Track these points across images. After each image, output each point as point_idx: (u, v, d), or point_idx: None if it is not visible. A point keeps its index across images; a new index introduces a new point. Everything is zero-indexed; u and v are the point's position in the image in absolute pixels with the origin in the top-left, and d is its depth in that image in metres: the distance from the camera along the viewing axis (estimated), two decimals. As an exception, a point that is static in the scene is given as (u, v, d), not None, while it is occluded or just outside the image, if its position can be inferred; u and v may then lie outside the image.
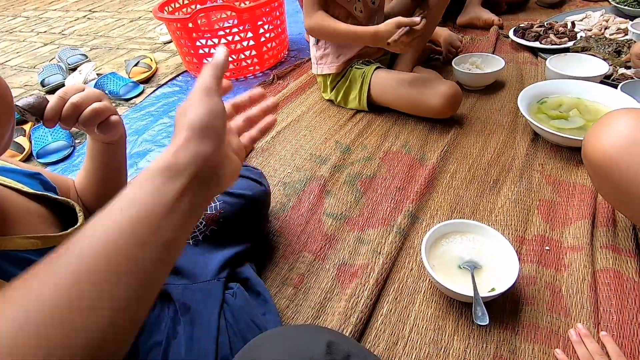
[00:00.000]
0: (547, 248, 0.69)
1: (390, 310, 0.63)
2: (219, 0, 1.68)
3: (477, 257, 0.64)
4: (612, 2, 1.44)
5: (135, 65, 1.58)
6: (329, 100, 1.20)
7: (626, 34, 1.26)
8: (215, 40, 1.36)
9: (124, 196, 0.27)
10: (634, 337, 0.55)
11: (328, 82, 1.16)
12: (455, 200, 0.81)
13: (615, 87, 0.96)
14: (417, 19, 0.89)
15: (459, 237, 0.67)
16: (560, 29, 1.31)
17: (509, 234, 0.72)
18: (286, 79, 1.37)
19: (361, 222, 0.79)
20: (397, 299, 0.65)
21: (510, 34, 1.38)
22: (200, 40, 1.37)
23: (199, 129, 0.29)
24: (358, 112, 1.14)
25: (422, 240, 0.65)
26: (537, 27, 1.35)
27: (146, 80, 1.53)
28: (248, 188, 0.67)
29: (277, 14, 1.42)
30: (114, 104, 1.04)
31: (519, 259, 0.67)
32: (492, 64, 1.18)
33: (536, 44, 1.30)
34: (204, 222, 0.62)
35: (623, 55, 1.13)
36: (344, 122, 1.11)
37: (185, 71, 1.56)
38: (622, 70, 1.08)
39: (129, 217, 0.25)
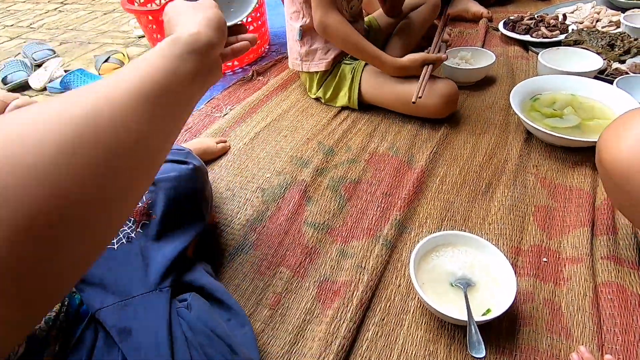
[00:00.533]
0: (544, 260, 0.64)
1: (377, 334, 0.57)
2: (195, -9, 1.58)
3: (470, 272, 0.58)
4: (603, -6, 1.40)
5: (106, 61, 1.48)
6: (314, 99, 1.13)
7: (618, 27, 1.22)
8: (190, 34, 1.27)
9: (146, 59, 0.29)
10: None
11: (315, 80, 1.08)
12: (446, 207, 0.75)
13: (611, 82, 0.92)
14: (443, 55, 0.94)
15: (450, 249, 0.61)
16: (552, 21, 1.26)
17: (503, 244, 0.67)
18: (266, 75, 1.30)
19: (344, 233, 0.73)
20: (383, 320, 0.59)
21: (500, 26, 1.32)
22: (174, 34, 1.28)
23: (216, 22, 0.36)
24: (343, 111, 1.07)
25: (410, 253, 0.59)
26: (527, 19, 1.30)
27: (117, 77, 1.44)
28: (173, 170, 0.61)
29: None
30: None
31: (515, 272, 0.62)
32: (482, 59, 1.13)
33: (527, 38, 1.25)
34: (132, 219, 0.54)
35: (617, 49, 1.09)
36: (328, 121, 1.04)
37: (160, 67, 1.46)
38: (616, 65, 1.04)
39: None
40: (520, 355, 0.53)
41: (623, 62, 1.05)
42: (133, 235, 0.53)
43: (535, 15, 1.32)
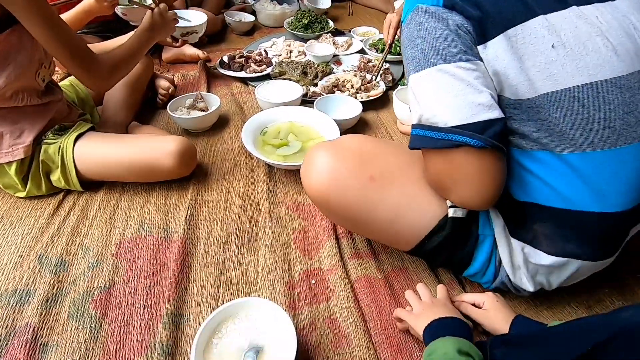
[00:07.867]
0: (313, 282, 0.71)
1: None
2: None
3: (257, 336, 0.57)
4: (287, 29, 1.72)
5: None
6: (22, 198, 0.85)
7: (305, 55, 1.52)
8: None
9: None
10: (395, 331, 0.63)
11: (13, 174, 0.80)
12: (218, 269, 0.72)
13: (312, 104, 1.12)
14: None
15: (230, 324, 0.58)
16: (257, 57, 1.44)
17: (279, 284, 0.70)
18: None
19: (108, 364, 0.57)
20: None
21: (217, 66, 1.40)
22: None
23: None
24: (65, 199, 0.86)
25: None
26: (238, 57, 1.43)
27: None
28: None
29: None
30: None
31: (295, 307, 0.66)
32: (211, 102, 1.15)
33: (242, 74, 1.37)
34: None
35: (309, 75, 1.35)
36: (46, 220, 0.80)
37: None
38: (313, 89, 1.29)
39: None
40: (321, 389, 0.56)
41: (316, 85, 1.32)
42: None
43: (244, 53, 1.47)
